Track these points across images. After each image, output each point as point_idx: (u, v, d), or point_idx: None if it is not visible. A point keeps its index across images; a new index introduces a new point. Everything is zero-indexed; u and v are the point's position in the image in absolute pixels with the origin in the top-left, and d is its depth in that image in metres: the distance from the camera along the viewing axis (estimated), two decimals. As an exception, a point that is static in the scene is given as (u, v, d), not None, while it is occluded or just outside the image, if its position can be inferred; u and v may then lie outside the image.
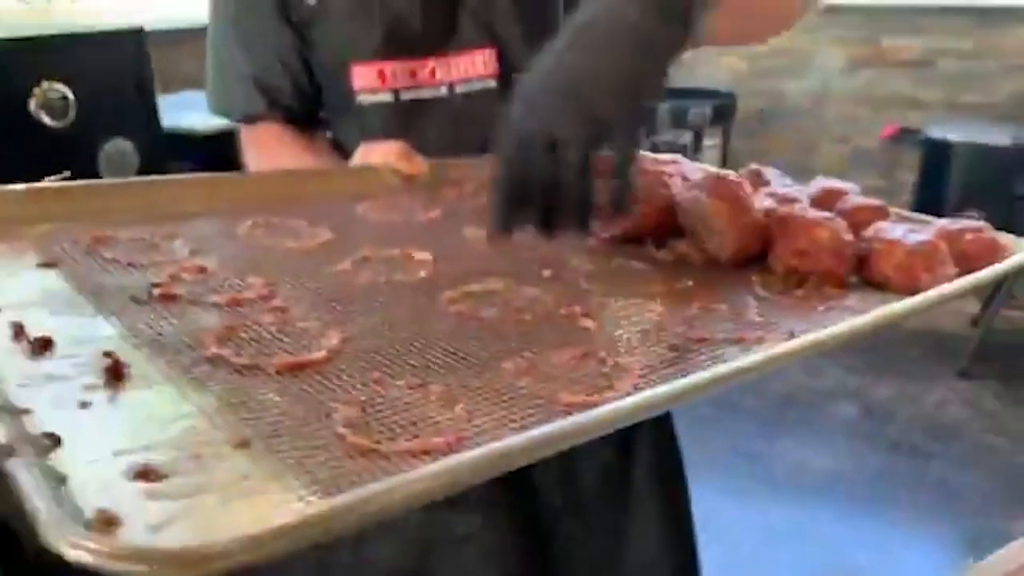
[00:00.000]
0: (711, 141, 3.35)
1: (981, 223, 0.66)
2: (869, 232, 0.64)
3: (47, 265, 0.57)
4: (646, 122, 0.58)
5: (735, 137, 3.44)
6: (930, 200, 2.95)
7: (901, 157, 3.28)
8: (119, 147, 1.65)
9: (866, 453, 2.40)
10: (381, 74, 0.84)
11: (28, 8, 3.14)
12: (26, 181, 1.48)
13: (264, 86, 0.88)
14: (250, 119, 0.91)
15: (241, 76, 0.88)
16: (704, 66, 3.63)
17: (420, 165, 0.80)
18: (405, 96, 0.85)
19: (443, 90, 0.85)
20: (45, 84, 1.50)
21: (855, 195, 0.72)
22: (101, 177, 1.61)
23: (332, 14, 0.83)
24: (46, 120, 1.53)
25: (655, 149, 3.12)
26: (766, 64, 3.54)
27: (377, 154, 0.80)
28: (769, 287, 0.60)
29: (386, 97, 0.85)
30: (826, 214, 0.63)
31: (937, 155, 2.93)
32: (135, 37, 1.67)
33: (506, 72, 0.85)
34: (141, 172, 1.67)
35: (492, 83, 0.85)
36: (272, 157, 0.90)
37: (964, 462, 2.35)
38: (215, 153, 1.30)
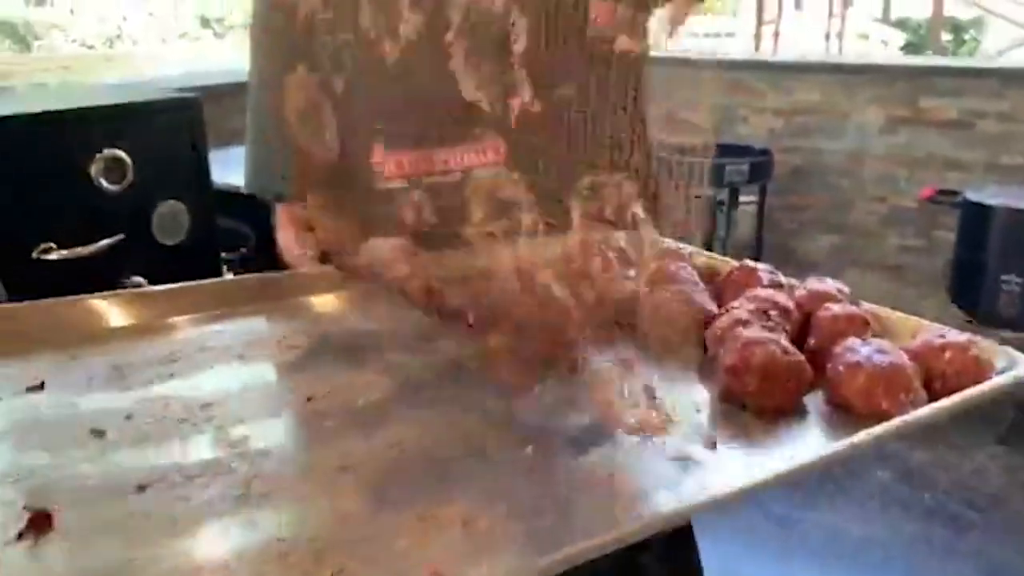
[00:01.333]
0: (747, 197, 3.36)
1: (965, 338, 0.62)
2: (838, 348, 0.60)
3: (34, 389, 0.56)
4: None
5: (771, 194, 3.44)
6: (969, 262, 2.93)
7: (939, 218, 3.26)
8: (172, 208, 1.71)
9: (901, 520, 2.37)
10: (399, 163, 0.90)
11: (95, 53, 3.28)
12: (84, 243, 1.55)
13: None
14: (281, 198, 0.96)
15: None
16: (741, 123, 3.65)
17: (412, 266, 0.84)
18: (424, 180, 0.90)
19: (458, 175, 0.89)
20: (106, 151, 1.56)
21: (843, 300, 0.68)
22: (155, 237, 1.67)
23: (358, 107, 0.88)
24: (105, 184, 1.59)
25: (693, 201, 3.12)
26: (802, 122, 3.56)
27: (382, 249, 0.84)
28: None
29: (403, 183, 0.90)
30: (766, 335, 0.59)
31: (976, 218, 2.91)
32: (191, 103, 1.73)
33: (515, 156, 0.89)
34: (191, 232, 1.73)
35: (502, 166, 0.89)
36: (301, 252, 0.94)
37: (1004, 533, 2.30)
38: (262, 210, 1.33)
